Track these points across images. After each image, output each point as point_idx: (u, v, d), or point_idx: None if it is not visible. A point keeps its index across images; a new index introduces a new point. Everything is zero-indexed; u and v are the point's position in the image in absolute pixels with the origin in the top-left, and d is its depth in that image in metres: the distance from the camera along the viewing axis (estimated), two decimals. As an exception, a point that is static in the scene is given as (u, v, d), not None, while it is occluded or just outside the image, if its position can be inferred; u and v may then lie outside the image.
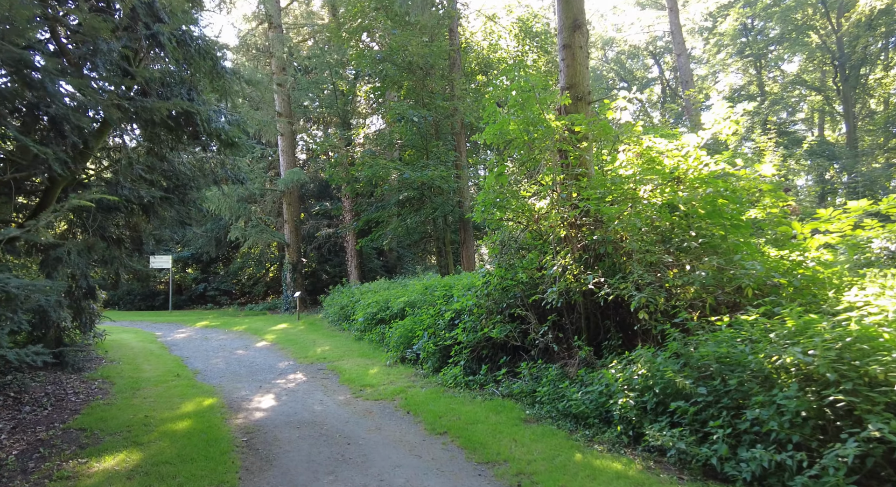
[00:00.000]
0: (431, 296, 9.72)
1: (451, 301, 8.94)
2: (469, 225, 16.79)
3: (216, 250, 22.73)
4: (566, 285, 6.87)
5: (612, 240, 6.64)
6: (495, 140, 7.82)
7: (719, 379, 4.33)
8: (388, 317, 10.89)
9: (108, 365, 8.87)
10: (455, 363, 7.94)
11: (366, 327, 11.58)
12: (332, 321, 14.36)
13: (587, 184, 6.77)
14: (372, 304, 11.53)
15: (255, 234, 17.07)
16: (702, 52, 35.13)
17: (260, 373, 8.87)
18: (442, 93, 16.49)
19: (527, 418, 5.86)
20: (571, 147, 6.95)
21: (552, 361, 7.03)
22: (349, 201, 19.39)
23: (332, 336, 12.53)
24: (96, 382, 7.79)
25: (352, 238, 19.51)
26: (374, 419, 6.17)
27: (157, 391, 7.39)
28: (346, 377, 8.35)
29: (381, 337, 10.72)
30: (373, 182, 15.34)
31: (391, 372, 8.55)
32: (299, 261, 17.99)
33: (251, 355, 10.60)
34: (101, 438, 5.36)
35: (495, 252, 7.96)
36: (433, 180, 14.44)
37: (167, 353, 10.50)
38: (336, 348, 10.85)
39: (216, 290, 23.43)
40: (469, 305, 8.08)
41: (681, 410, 4.44)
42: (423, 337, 8.74)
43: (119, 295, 21.93)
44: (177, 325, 15.83)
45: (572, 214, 6.72)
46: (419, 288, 10.16)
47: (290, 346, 11.38)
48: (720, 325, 4.91)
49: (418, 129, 15.39)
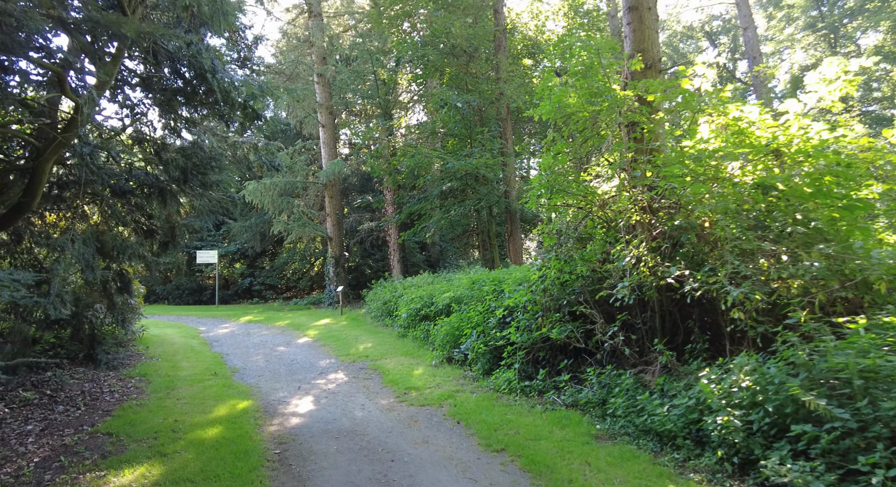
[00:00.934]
0: (479, 292, 8.96)
1: (501, 297, 8.15)
2: (516, 216, 15.90)
3: (261, 245, 22.80)
4: (639, 279, 5.93)
5: (695, 225, 5.65)
6: (552, 115, 6.94)
7: (865, 400, 3.34)
8: (432, 314, 10.21)
9: (146, 361, 8.61)
10: (508, 366, 7.16)
11: (409, 324, 10.95)
12: (374, 316, 13.85)
13: (665, 161, 5.80)
14: (415, 300, 10.89)
15: (297, 228, 16.80)
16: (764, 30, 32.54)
17: (300, 372, 8.39)
18: (486, 78, 15.63)
19: (598, 434, 5.01)
20: (646, 118, 5.99)
21: (622, 366, 6.13)
22: (391, 193, 18.86)
23: (374, 332, 12.00)
24: (133, 380, 7.50)
25: (394, 231, 19.00)
26: (421, 429, 5.48)
27: (192, 391, 6.99)
28: (390, 378, 7.72)
29: (425, 334, 10.07)
30: (415, 172, 14.70)
31: (437, 373, 7.86)
32: (342, 255, 17.63)
33: (292, 352, 10.18)
34: (126, 445, 4.92)
35: (552, 242, 7.10)
36: (478, 169, 13.64)
37: (207, 350, 10.23)
38: (378, 345, 10.29)
39: (262, 285, 23.55)
40: (523, 302, 7.26)
41: (808, 436, 3.49)
42: (471, 336, 8.00)
43: (168, 290, 22.36)
44: (221, 320, 15.77)
45: (647, 196, 5.78)
46: (466, 283, 9.42)
47: (332, 343, 10.91)
48: (854, 329, 3.89)
49: (462, 116, 14.61)
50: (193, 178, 5.49)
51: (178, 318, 16.23)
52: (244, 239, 22.42)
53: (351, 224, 21.27)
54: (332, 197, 17.46)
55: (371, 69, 17.09)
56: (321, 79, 17.05)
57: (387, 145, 15.95)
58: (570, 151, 6.47)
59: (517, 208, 15.63)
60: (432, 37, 15.06)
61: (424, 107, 18.94)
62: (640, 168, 5.94)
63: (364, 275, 23.25)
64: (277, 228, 16.67)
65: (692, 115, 6.21)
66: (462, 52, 15.11)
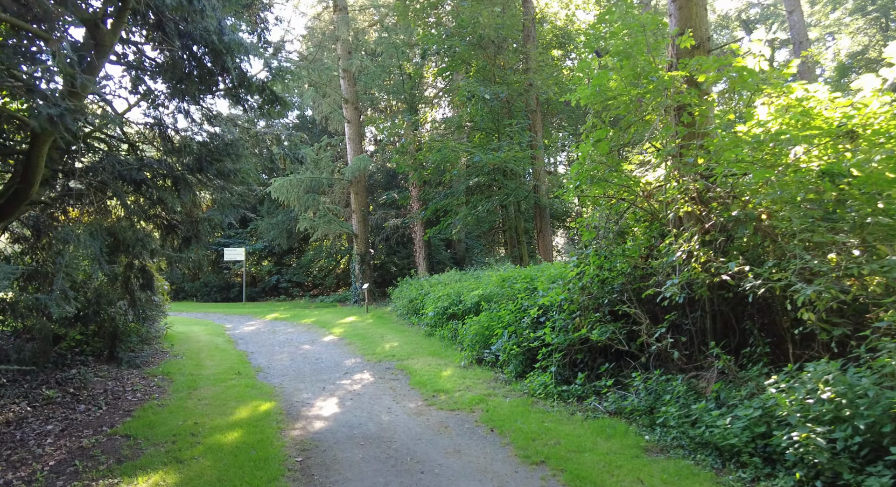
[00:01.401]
0: (511, 290, 8.52)
1: (534, 295, 7.70)
2: (546, 212, 15.36)
3: (287, 242, 22.81)
4: (689, 276, 5.41)
5: (754, 217, 5.10)
6: (591, 100, 6.45)
7: None
8: (460, 312, 9.82)
9: (171, 359, 8.48)
10: (543, 368, 6.72)
11: (436, 322, 10.59)
12: (400, 314, 13.55)
13: (719, 147, 5.26)
14: (442, 298, 10.52)
15: (323, 225, 16.64)
16: (807, 15, 30.93)
17: (325, 372, 8.12)
18: (515, 70, 15.12)
19: (648, 446, 4.53)
20: (697, 99, 5.45)
21: (670, 371, 5.62)
22: (416, 190, 18.54)
23: (400, 330, 11.69)
24: (156, 379, 7.34)
25: (419, 228, 18.68)
26: (452, 436, 5.10)
27: (215, 391, 6.78)
28: (417, 379, 7.37)
29: (453, 333, 9.69)
30: (441, 167, 14.33)
31: (467, 375, 7.47)
32: (367, 252, 17.41)
33: (317, 350, 9.94)
34: (143, 449, 4.68)
35: (591, 236, 6.61)
36: (506, 163, 13.17)
37: (232, 348, 10.08)
38: (405, 344, 9.96)
39: (288, 282, 23.58)
40: (559, 300, 6.80)
41: (913, 461, 2.96)
42: (502, 337, 7.58)
43: (196, 287, 22.58)
44: (247, 317, 15.73)
45: (700, 185, 5.25)
46: (495, 281, 9.00)
47: (358, 341, 10.64)
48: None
49: (490, 109, 14.15)
50: (209, 166, 5.22)
51: (205, 315, 16.27)
52: (271, 236, 22.46)
53: (376, 221, 21.05)
54: (358, 193, 17.24)
55: (396, 63, 16.78)
56: (346, 73, 16.84)
57: (412, 140, 15.61)
58: (612, 138, 5.97)
59: (547, 203, 15.09)
60: (459, 27, 14.64)
61: (450, 102, 18.54)
62: (690, 154, 5.41)
63: (389, 273, 23.02)
64: (303, 225, 16.54)
65: (749, 96, 5.64)
66: (490, 43, 14.65)
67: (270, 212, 23.36)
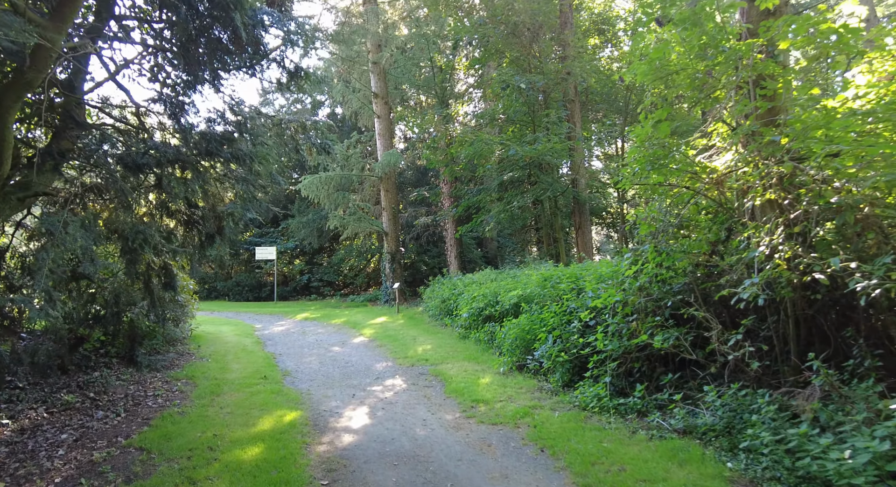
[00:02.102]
0: (554, 290, 7.83)
1: (582, 296, 6.99)
2: (585, 207, 14.53)
3: (318, 241, 22.62)
4: (769, 274, 4.63)
5: (856, 205, 4.30)
6: (649, 77, 5.71)
7: None
8: (497, 314, 9.18)
9: (196, 362, 8.15)
10: (594, 378, 6.02)
11: (471, 324, 9.98)
12: (432, 315, 13.01)
13: (809, 123, 4.46)
14: (478, 298, 9.89)
15: (353, 223, 16.26)
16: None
17: (354, 376, 7.63)
18: (551, 59, 14.36)
19: (733, 477, 3.80)
20: (780, 69, 4.66)
21: (748, 384, 4.85)
22: (447, 186, 17.97)
23: (433, 332, 11.13)
24: (179, 383, 6.98)
25: (451, 226, 18.10)
26: (497, 457, 4.48)
27: (239, 398, 6.35)
28: (453, 386, 6.79)
29: (489, 336, 9.06)
30: (474, 162, 13.70)
31: (507, 383, 6.83)
32: (398, 251, 16.94)
33: (347, 353, 9.48)
34: (156, 466, 4.24)
35: (651, 230, 5.87)
36: (543, 156, 12.43)
37: (260, 349, 9.73)
38: (438, 347, 9.39)
39: (320, 281, 23.41)
40: (612, 302, 6.08)
41: None
42: (546, 342, 6.91)
43: (228, 286, 22.63)
44: (278, 317, 15.48)
45: (787, 168, 4.47)
46: (536, 280, 8.32)
47: (389, 343, 10.14)
48: None
49: (525, 99, 13.43)
50: (219, 148, 4.75)
51: (235, 315, 16.13)
52: (302, 235, 22.31)
53: (407, 219, 20.60)
54: (388, 190, 16.79)
55: (427, 55, 16.24)
56: (376, 67, 16.40)
57: (444, 135, 15.04)
58: (676, 118, 5.22)
59: (586, 198, 14.27)
60: (493, 15, 13.98)
61: (482, 96, 17.88)
62: (774, 133, 4.63)
63: (420, 272, 22.55)
64: (333, 223, 16.20)
65: (845, 63, 4.80)
66: (525, 30, 13.94)
67: (301, 211, 23.23)
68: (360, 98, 17.37)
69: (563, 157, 12.93)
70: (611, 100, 17.25)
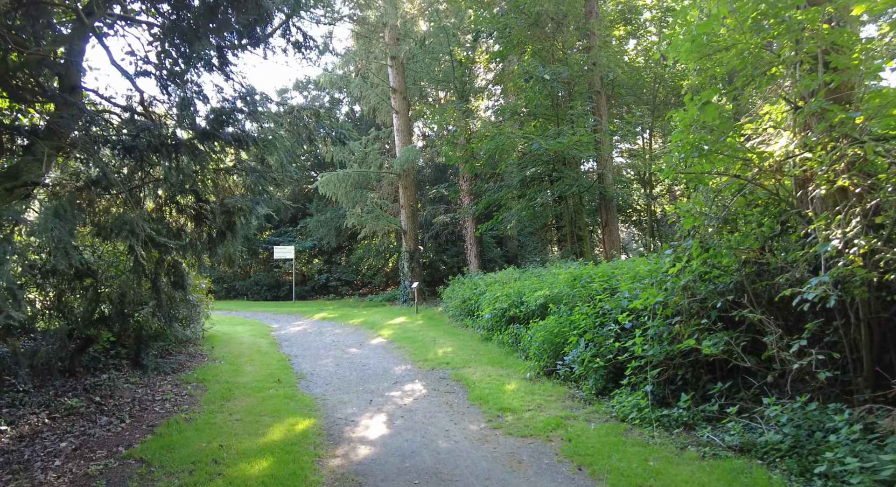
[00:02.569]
0: (585, 290, 7.30)
1: (617, 297, 6.45)
2: (612, 204, 13.90)
3: (336, 240, 22.37)
4: (839, 273, 4.06)
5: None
6: (694, 55, 5.16)
7: None
8: (522, 315, 8.69)
9: (208, 364, 7.84)
10: (632, 386, 5.51)
11: (493, 325, 9.50)
12: (452, 315, 12.56)
13: (892, 96, 3.88)
14: (501, 298, 9.40)
15: (370, 221, 15.91)
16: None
17: (372, 380, 7.23)
18: (575, 50, 13.77)
19: (810, 509, 3.26)
20: (856, 36, 4.09)
21: (815, 396, 4.29)
22: (467, 183, 17.51)
23: (453, 333, 10.68)
24: (189, 386, 6.66)
25: (471, 224, 17.63)
26: (529, 477, 4.00)
27: (249, 403, 5.99)
28: (477, 393, 6.33)
29: (514, 339, 8.57)
30: (495, 157, 13.20)
31: (535, 390, 6.34)
32: (416, 250, 16.54)
33: (365, 355, 9.09)
34: (154, 482, 3.88)
35: (695, 223, 5.32)
36: (569, 149, 11.87)
37: (275, 351, 9.40)
38: (460, 350, 8.93)
39: (338, 281, 23.18)
40: (653, 303, 5.54)
41: None
42: (577, 346, 6.40)
43: (247, 286, 22.53)
44: (295, 317, 15.22)
45: (869, 148, 3.89)
46: (564, 280, 7.80)
47: (408, 345, 9.72)
48: None
49: (549, 91, 12.88)
50: (219, 129, 4.37)
51: (253, 314, 15.92)
52: (320, 234, 22.08)
53: (425, 217, 20.19)
54: (406, 188, 16.40)
55: (447, 49, 15.80)
56: (394, 61, 16.02)
57: (463, 130, 14.57)
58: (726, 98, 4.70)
59: (614, 194, 13.64)
60: (514, 6, 13.46)
61: (503, 91, 17.34)
62: (849, 110, 4.05)
63: (439, 271, 22.13)
64: (350, 221, 15.87)
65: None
66: (548, 20, 13.39)
67: (320, 210, 23.03)
68: (377, 94, 17.01)
69: (589, 151, 12.34)
70: (637, 92, 16.56)
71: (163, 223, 6.39)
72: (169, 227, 6.40)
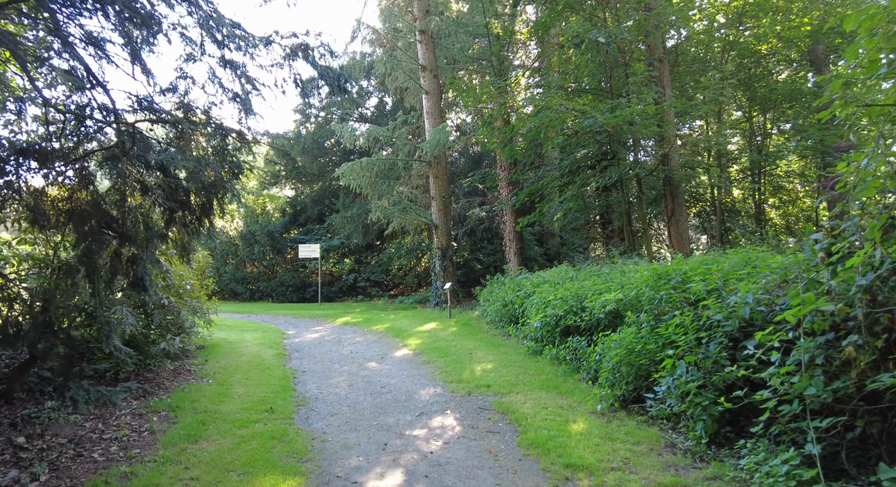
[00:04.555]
0: (677, 293, 5.38)
1: (726, 303, 4.52)
2: (679, 190, 11.79)
3: (364, 238, 20.94)
4: None
5: None
6: None
7: None
8: (583, 325, 6.83)
9: (191, 384, 6.35)
10: (773, 438, 3.61)
11: (545, 337, 7.68)
12: (491, 321, 10.78)
13: None
14: (554, 303, 7.56)
15: (398, 214, 14.29)
16: None
17: (391, 410, 5.57)
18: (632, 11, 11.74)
19: None
20: None
21: None
22: (505, 172, 15.66)
23: (493, 344, 8.91)
24: (155, 417, 5.15)
25: (509, 217, 15.78)
26: None
27: (222, 447, 4.41)
28: (531, 435, 4.57)
29: (572, 354, 6.73)
30: (540, 136, 11.32)
31: (613, 432, 4.53)
32: (449, 246, 14.82)
33: (385, 371, 7.46)
34: None
35: (888, 187, 3.37)
36: (631, 122, 9.90)
37: (280, 364, 7.87)
38: (503, 367, 7.17)
39: (367, 281, 21.74)
40: (806, 313, 3.61)
41: None
42: (675, 371, 4.51)
43: (271, 287, 21.36)
44: (316, 321, 13.77)
45: None
46: (644, 279, 5.89)
47: (439, 359, 8.03)
48: None
49: (603, 59, 10.92)
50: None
51: (272, 319, 14.58)
52: (346, 231, 20.70)
53: (459, 212, 18.45)
54: (438, 177, 14.70)
55: (482, 20, 14.03)
56: (423, 36, 14.38)
57: (502, 109, 12.74)
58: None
59: (682, 177, 11.54)
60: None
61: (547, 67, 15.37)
62: None
63: (473, 271, 20.35)
64: (376, 215, 14.30)
65: None
66: (601, -24, 11.41)
67: (346, 206, 21.67)
68: (406, 74, 15.40)
69: (652, 127, 10.32)
70: (704, 63, 14.34)
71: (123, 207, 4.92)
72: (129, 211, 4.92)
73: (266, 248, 21.86)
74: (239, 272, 21.73)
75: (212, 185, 4.63)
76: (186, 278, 7.49)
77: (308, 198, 24.14)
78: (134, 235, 4.85)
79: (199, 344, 9.01)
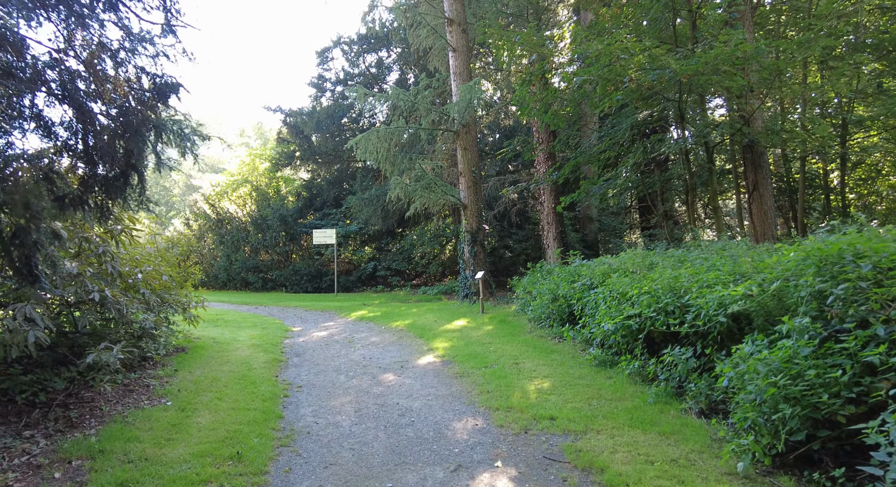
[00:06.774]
0: (872, 287, 3.36)
1: None
2: (764, 158, 9.57)
3: (383, 222, 19.14)
4: None
5: None
6: None
7: None
8: (685, 332, 4.82)
9: (141, 409, 4.62)
10: None
11: (620, 343, 5.73)
12: (535, 319, 8.84)
13: None
14: (636, 299, 5.58)
15: (421, 191, 12.38)
16: None
17: (413, 457, 3.75)
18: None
19: None
20: None
21: None
22: (544, 144, 13.57)
23: (543, 350, 7.00)
24: (58, 473, 3.42)
25: (549, 196, 13.73)
26: None
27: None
28: (644, 524, 2.65)
29: (667, 371, 4.78)
30: (595, 92, 9.23)
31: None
32: (480, 229, 12.88)
33: (406, 389, 5.64)
34: None
35: None
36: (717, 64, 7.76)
37: (271, 377, 6.11)
38: (564, 386, 5.27)
39: (387, 270, 19.99)
40: None
41: None
42: None
43: (285, 276, 19.78)
44: (328, 315, 12.07)
45: None
46: (795, 262, 3.85)
47: (475, 370, 6.18)
48: None
49: None
50: None
51: (279, 312, 12.94)
52: (364, 215, 18.93)
53: (488, 191, 16.47)
54: (467, 148, 12.71)
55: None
56: (449, -16, 12.35)
57: (545, 63, 10.64)
58: None
59: (773, 141, 9.33)
60: None
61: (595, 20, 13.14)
62: None
63: (503, 260, 18.38)
64: (395, 192, 12.41)
65: None
66: None
67: (363, 187, 19.89)
68: (429, 33, 13.41)
69: (738, 78, 8.15)
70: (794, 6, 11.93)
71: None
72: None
73: (279, 234, 20.28)
74: (251, 260, 20.22)
75: (125, 113, 2.81)
76: (149, 262, 5.78)
77: (324, 181, 22.48)
78: (13, 192, 3.10)
79: (182, 344, 7.37)
